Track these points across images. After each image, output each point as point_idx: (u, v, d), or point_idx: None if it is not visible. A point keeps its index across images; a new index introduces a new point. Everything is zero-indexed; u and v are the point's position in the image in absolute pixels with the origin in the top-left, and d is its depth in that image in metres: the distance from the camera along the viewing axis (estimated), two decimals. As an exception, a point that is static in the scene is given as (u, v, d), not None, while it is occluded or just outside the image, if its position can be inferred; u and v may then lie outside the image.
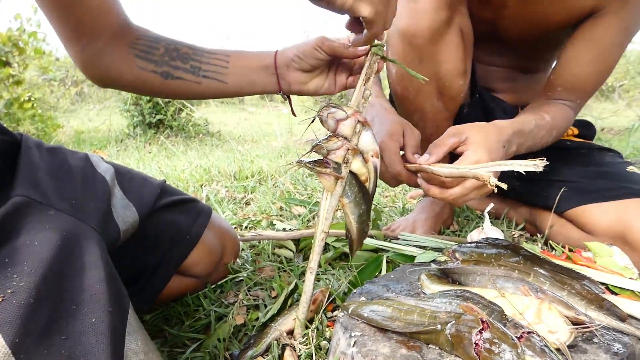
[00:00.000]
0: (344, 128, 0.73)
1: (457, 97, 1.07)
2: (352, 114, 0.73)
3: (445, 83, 1.02)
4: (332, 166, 0.72)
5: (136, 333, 0.49)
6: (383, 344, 0.57)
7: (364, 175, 0.76)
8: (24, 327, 0.39)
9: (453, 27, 0.97)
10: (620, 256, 0.77)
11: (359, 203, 0.77)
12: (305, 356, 0.70)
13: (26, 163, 0.56)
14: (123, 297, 0.50)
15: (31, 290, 0.41)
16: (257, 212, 1.50)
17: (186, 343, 0.80)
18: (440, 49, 0.98)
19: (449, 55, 0.99)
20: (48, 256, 0.44)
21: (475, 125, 0.87)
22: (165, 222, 0.84)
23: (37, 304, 0.40)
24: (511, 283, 0.67)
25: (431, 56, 0.98)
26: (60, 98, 6.58)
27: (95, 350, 0.42)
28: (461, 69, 1.02)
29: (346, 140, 0.73)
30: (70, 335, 0.42)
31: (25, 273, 0.41)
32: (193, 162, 2.44)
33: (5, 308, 0.39)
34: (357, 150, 0.74)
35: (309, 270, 0.75)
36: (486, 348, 0.50)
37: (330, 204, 0.74)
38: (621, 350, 0.53)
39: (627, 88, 8.73)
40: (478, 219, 1.39)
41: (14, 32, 3.78)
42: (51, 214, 0.49)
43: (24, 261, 0.42)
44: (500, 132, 0.87)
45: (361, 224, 0.78)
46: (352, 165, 0.74)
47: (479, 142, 0.82)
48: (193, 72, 0.77)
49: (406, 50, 0.99)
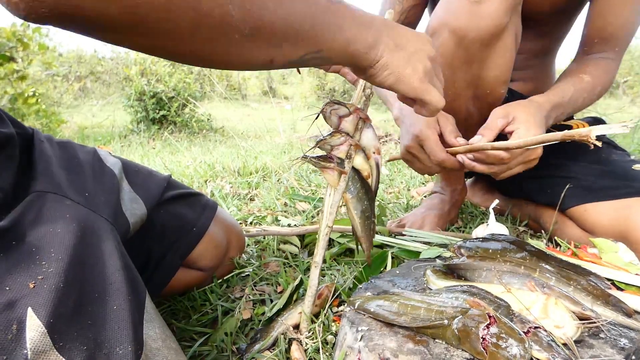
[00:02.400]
0: (346, 124, 0.75)
1: (495, 104, 1.01)
2: (354, 110, 0.74)
3: (487, 90, 0.98)
4: (336, 161, 0.73)
5: (154, 321, 0.50)
6: (390, 338, 0.57)
7: (366, 171, 0.77)
8: (56, 310, 0.40)
9: (510, 31, 0.91)
10: (625, 252, 0.77)
11: (361, 199, 0.78)
12: (312, 350, 0.71)
13: (40, 156, 0.57)
14: (139, 285, 0.52)
15: (60, 275, 0.42)
16: (261, 208, 1.50)
17: (194, 337, 0.81)
18: (493, 54, 0.93)
19: (500, 62, 0.94)
20: (71, 244, 0.45)
21: (518, 104, 0.91)
22: (171, 214, 0.85)
23: (65, 288, 0.42)
24: (517, 279, 0.67)
25: (481, 61, 0.93)
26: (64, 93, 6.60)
27: (119, 336, 0.44)
28: (507, 76, 0.99)
29: (349, 136, 0.74)
30: (95, 321, 0.43)
31: (53, 259, 0.43)
32: (197, 157, 2.45)
33: (38, 292, 0.40)
34: (359, 146, 0.76)
35: (314, 265, 0.75)
36: (493, 343, 0.50)
37: (334, 198, 0.75)
38: (627, 346, 0.54)
39: (632, 84, 8.69)
40: (482, 215, 1.39)
41: (18, 27, 3.78)
42: (68, 204, 0.50)
43: (50, 248, 0.44)
44: (541, 108, 0.91)
45: (365, 220, 0.79)
46: (355, 161, 0.76)
47: (528, 120, 0.86)
48: None
49: (456, 51, 0.93)
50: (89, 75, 8.72)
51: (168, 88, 4.50)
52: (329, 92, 9.16)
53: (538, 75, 1.22)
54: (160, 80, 4.62)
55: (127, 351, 0.43)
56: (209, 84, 7.67)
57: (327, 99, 0.78)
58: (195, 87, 5.10)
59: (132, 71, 4.88)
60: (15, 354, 0.38)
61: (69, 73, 8.17)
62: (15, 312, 0.39)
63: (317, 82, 9.60)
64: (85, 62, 8.99)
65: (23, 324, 0.39)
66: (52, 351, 0.39)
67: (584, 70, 1.03)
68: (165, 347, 0.49)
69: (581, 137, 0.71)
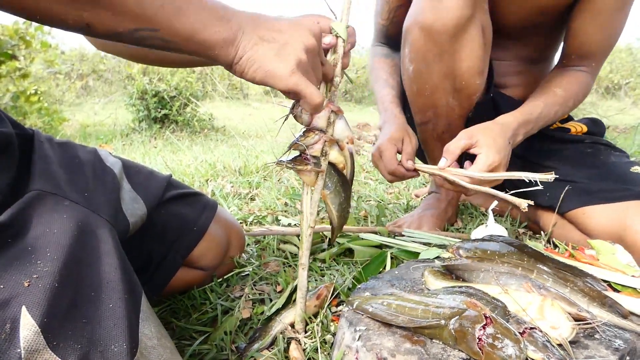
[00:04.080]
0: (319, 120, 0.72)
1: (473, 95, 1.06)
2: (326, 105, 0.71)
3: (462, 82, 1.02)
4: (312, 161, 0.72)
5: (149, 320, 0.50)
6: (387, 338, 0.58)
7: (341, 163, 0.77)
8: (51, 309, 0.41)
9: (475, 24, 0.96)
10: (622, 254, 0.78)
11: (339, 192, 0.77)
12: (310, 350, 0.71)
13: (40, 156, 0.57)
14: (136, 284, 0.52)
15: (55, 274, 0.42)
16: (262, 208, 1.51)
17: (193, 336, 0.82)
18: (461, 46, 0.98)
19: (470, 53, 0.99)
20: (67, 243, 0.45)
21: (483, 127, 0.95)
22: (172, 214, 0.85)
23: (60, 288, 0.42)
24: (514, 280, 0.68)
25: (451, 53, 0.98)
26: (66, 91, 6.61)
27: (114, 334, 0.44)
28: (480, 67, 1.02)
29: (322, 133, 0.72)
30: (90, 319, 0.43)
31: (49, 259, 0.43)
32: (198, 157, 2.45)
33: (32, 292, 0.41)
34: (333, 141, 0.74)
35: (301, 267, 0.75)
36: (489, 343, 0.51)
37: (313, 198, 0.74)
38: (622, 346, 0.54)
39: (634, 86, 8.67)
40: (482, 216, 1.39)
41: (21, 25, 3.79)
42: (66, 204, 0.50)
43: (45, 248, 0.44)
44: (505, 130, 0.95)
45: (342, 212, 0.79)
46: (330, 155, 0.74)
47: (489, 145, 0.91)
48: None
49: (426, 46, 0.99)
50: (92, 73, 8.73)
51: (170, 87, 4.50)
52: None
53: (530, 81, 1.24)
54: (162, 79, 4.63)
55: (122, 349, 0.44)
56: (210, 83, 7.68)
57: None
58: (197, 86, 5.11)
59: (134, 70, 4.89)
60: (8, 353, 0.38)
61: (72, 71, 8.18)
62: (9, 311, 0.39)
63: (318, 82, 9.58)
64: (87, 60, 9.00)
65: (17, 322, 0.39)
66: (46, 350, 0.39)
67: (558, 84, 1.07)
68: (161, 346, 0.49)
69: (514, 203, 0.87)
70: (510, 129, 0.96)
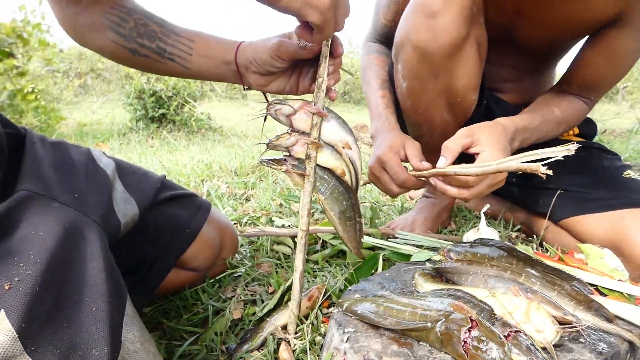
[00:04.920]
0: (297, 122, 0.70)
1: (468, 110, 1.05)
2: (300, 107, 0.69)
3: (457, 98, 1.00)
4: (292, 163, 0.70)
5: (133, 324, 0.50)
6: (375, 340, 0.58)
7: (338, 169, 0.73)
8: (30, 314, 0.41)
9: (470, 41, 0.94)
10: (611, 258, 0.78)
11: (337, 199, 0.73)
12: (299, 351, 0.72)
13: (31, 157, 0.57)
14: (121, 288, 0.52)
15: (36, 278, 0.42)
16: (256, 209, 1.51)
17: (184, 336, 0.82)
18: (457, 64, 0.95)
19: (465, 70, 0.96)
20: (52, 246, 0.46)
21: (484, 126, 0.90)
22: (165, 215, 0.86)
23: (41, 291, 0.42)
24: (502, 283, 0.68)
25: (447, 72, 0.96)
26: (64, 90, 6.60)
27: (96, 338, 0.44)
28: (475, 83, 1.00)
29: (302, 135, 0.69)
30: (72, 323, 0.43)
31: (31, 262, 0.43)
32: (195, 157, 2.45)
33: (12, 295, 0.41)
34: (318, 144, 0.70)
35: (295, 269, 0.75)
36: (474, 346, 0.51)
37: (303, 201, 0.72)
38: (606, 350, 0.55)
39: (631, 90, 8.71)
40: (475, 219, 1.40)
41: (18, 23, 3.79)
42: (55, 206, 0.50)
43: (29, 250, 0.44)
44: (506, 131, 0.91)
45: (346, 220, 0.75)
46: (320, 158, 0.71)
47: (492, 144, 0.85)
48: (159, 53, 0.77)
49: (420, 65, 0.96)
50: (90, 72, 8.72)
51: (168, 87, 4.50)
52: (329, 92, 9.13)
53: (528, 89, 1.23)
54: (160, 79, 4.62)
55: (104, 353, 0.44)
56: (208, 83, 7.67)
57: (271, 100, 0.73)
58: (195, 86, 5.10)
59: (132, 69, 4.87)
60: None
61: (70, 69, 8.16)
62: None
63: (316, 82, 9.58)
64: (86, 58, 8.99)
65: None
66: (23, 355, 0.39)
67: (557, 105, 1.04)
68: (144, 350, 0.49)
69: (532, 170, 0.74)
70: (510, 131, 0.92)
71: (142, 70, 0.86)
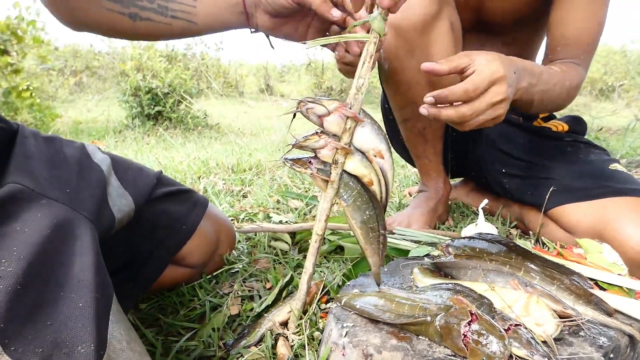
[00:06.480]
0: (329, 125, 0.65)
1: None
2: (335, 108, 0.64)
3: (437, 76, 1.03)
4: (316, 166, 0.66)
5: (119, 322, 0.49)
6: (374, 334, 0.58)
7: (365, 177, 0.68)
8: (10, 312, 0.39)
9: (443, 19, 1.00)
10: (609, 253, 0.78)
11: (360, 207, 0.68)
12: (298, 346, 0.71)
13: (21, 151, 0.56)
14: (108, 286, 0.51)
15: (18, 276, 0.41)
16: (254, 205, 1.50)
17: (181, 332, 0.81)
18: (431, 41, 1.01)
19: (440, 47, 1.02)
20: (37, 242, 0.44)
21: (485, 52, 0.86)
22: (161, 211, 0.85)
23: (22, 290, 0.41)
24: (502, 277, 0.68)
25: (422, 49, 1.02)
26: (59, 88, 6.56)
27: (81, 335, 0.43)
28: None
29: (332, 138, 0.65)
30: (56, 320, 0.42)
31: (14, 258, 0.42)
32: (191, 154, 2.44)
33: None
34: (348, 150, 0.66)
35: (305, 271, 0.74)
36: (474, 339, 0.51)
37: (321, 206, 0.68)
38: (606, 344, 0.55)
39: (627, 88, 8.75)
40: (473, 215, 1.40)
41: (13, 20, 3.76)
42: (44, 202, 0.49)
43: (13, 247, 0.43)
44: (510, 59, 0.86)
45: (368, 231, 0.69)
46: (347, 165, 0.67)
47: (490, 60, 0.81)
48: (161, 13, 0.73)
49: (397, 43, 1.02)
50: (85, 69, 8.68)
51: (164, 84, 4.48)
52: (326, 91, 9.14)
53: None
54: (156, 76, 4.61)
55: (90, 350, 0.42)
56: (205, 81, 7.65)
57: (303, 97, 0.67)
58: (192, 84, 5.09)
59: (127, 66, 4.86)
60: None
61: (65, 67, 8.12)
62: None
63: (314, 81, 9.58)
64: (81, 56, 8.95)
65: None
66: (2, 355, 0.38)
67: (554, 65, 1.05)
68: (130, 349, 0.48)
69: None
70: (516, 63, 0.86)
71: (145, 40, 0.82)
